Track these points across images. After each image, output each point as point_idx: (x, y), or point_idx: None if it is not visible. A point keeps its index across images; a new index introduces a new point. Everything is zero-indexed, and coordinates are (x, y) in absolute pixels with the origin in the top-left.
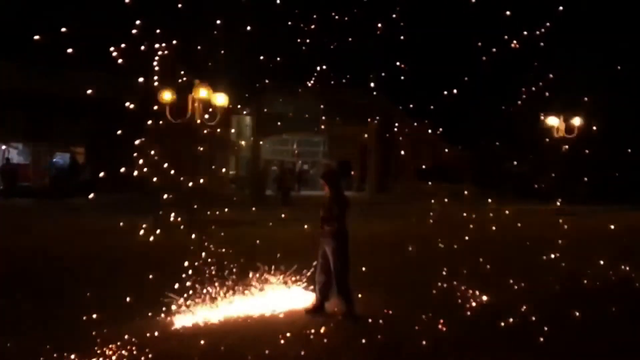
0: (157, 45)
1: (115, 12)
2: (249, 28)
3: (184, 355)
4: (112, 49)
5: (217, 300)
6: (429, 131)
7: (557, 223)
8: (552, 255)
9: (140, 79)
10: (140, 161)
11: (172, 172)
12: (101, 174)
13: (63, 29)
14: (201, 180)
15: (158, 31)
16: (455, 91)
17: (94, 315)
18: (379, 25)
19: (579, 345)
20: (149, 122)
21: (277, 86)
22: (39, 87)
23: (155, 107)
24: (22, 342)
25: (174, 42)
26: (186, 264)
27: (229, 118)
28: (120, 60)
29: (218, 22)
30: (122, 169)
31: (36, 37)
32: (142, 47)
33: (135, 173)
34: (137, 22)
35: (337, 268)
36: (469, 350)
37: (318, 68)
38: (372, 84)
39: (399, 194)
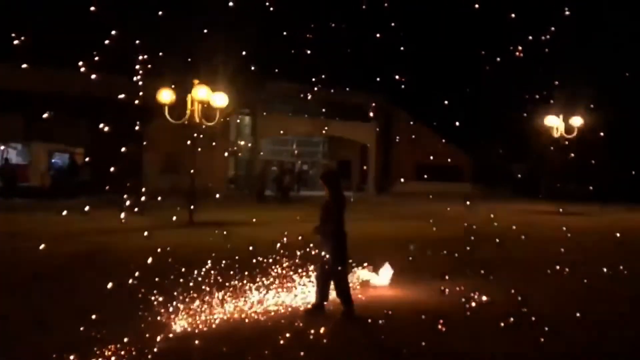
0: (140, 57)
1: (114, 13)
2: (248, 29)
3: (184, 356)
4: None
5: (217, 301)
6: (429, 131)
7: (557, 222)
8: (553, 255)
9: (121, 95)
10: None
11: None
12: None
13: (63, 30)
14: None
15: (138, 41)
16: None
17: (94, 316)
18: (378, 35)
19: (580, 345)
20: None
21: (277, 86)
22: (39, 87)
23: (136, 126)
24: (22, 343)
25: (161, 53)
26: (185, 264)
27: (229, 118)
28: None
29: (219, 23)
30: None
31: (36, 37)
32: (139, 58)
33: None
34: (113, 32)
35: (336, 268)
36: (469, 351)
37: (318, 71)
38: (372, 87)
39: (398, 195)
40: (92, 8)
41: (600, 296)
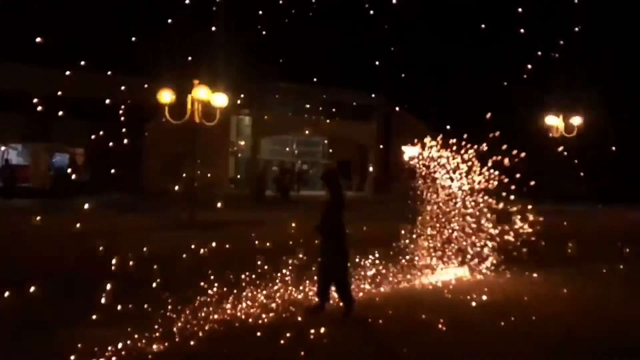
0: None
1: (113, 14)
2: (248, 29)
3: (184, 356)
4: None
5: (217, 301)
6: (429, 131)
7: (557, 221)
8: (553, 254)
9: (121, 96)
10: None
11: None
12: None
13: (61, 30)
14: None
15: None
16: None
17: (94, 317)
18: (378, 35)
19: (579, 344)
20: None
21: (276, 86)
22: (39, 87)
23: (137, 126)
24: (23, 344)
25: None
26: (186, 264)
27: (229, 118)
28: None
29: (218, 23)
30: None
31: (37, 38)
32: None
33: None
34: (82, 63)
35: (336, 268)
36: (468, 351)
37: (319, 68)
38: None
39: (398, 194)
40: (94, 9)
41: (600, 296)
